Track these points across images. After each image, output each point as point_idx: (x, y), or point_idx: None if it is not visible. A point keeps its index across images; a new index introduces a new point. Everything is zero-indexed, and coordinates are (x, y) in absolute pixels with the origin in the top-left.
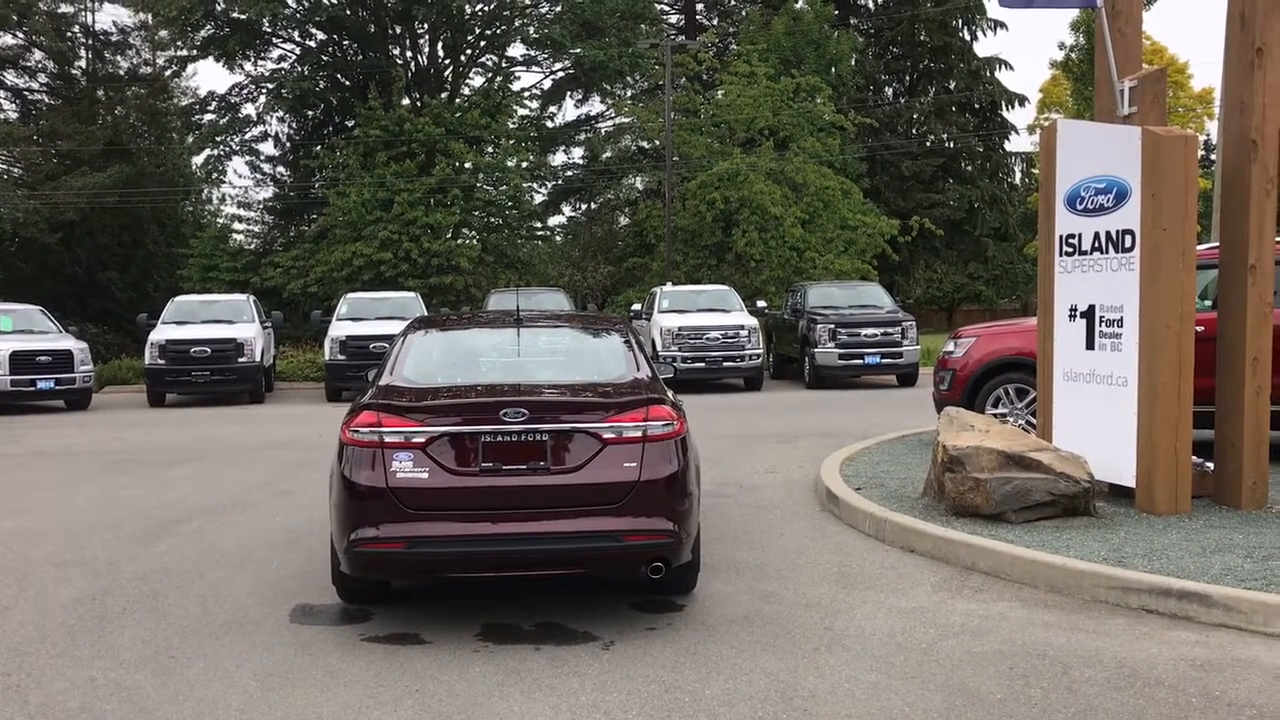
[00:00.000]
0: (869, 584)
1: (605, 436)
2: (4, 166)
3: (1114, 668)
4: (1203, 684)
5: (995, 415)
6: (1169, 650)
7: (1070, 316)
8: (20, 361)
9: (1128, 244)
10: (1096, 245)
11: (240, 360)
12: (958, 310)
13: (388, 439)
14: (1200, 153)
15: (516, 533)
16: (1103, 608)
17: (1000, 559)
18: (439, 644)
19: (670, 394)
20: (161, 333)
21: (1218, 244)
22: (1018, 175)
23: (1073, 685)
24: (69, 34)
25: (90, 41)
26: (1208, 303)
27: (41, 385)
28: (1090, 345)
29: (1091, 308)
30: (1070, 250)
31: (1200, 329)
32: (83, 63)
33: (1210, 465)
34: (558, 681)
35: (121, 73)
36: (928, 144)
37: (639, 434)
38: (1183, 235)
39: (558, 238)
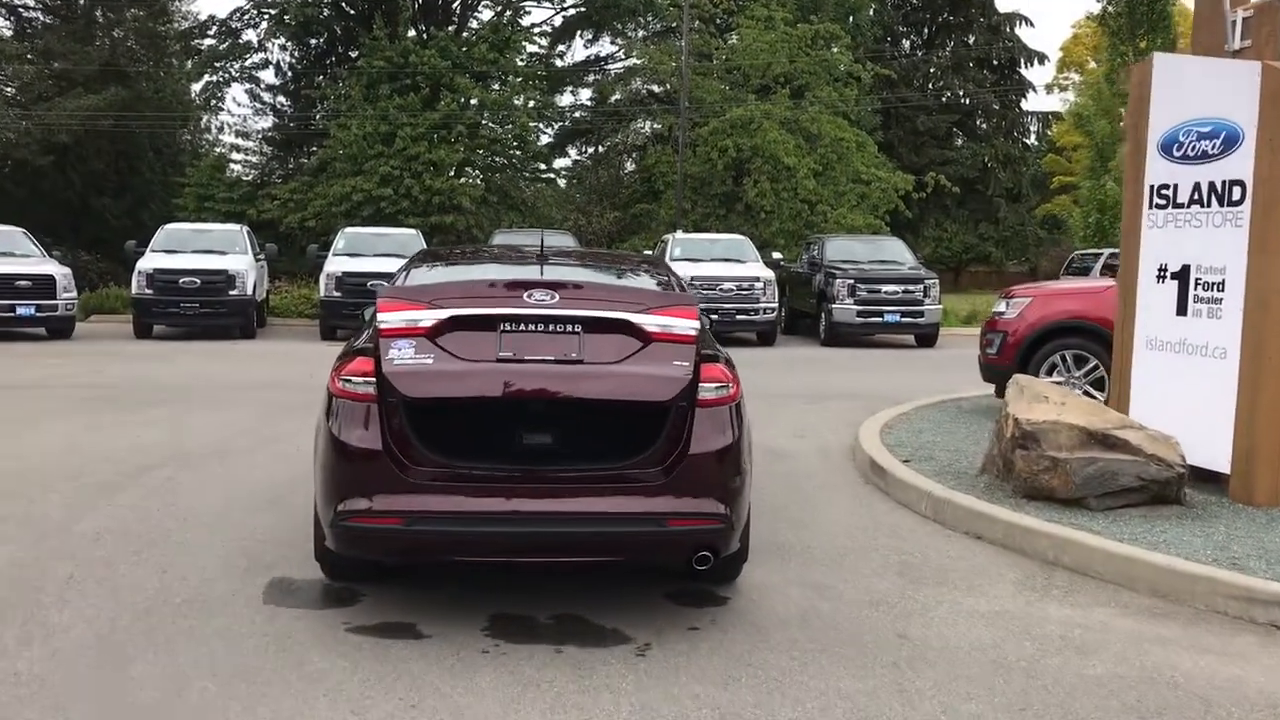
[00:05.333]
0: (939, 578)
1: (649, 330)
2: None
3: (1267, 709)
4: None
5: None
6: None
7: (1158, 277)
8: None
9: (1236, 196)
10: (1196, 197)
11: (231, 293)
12: (965, 271)
13: (384, 326)
14: None
15: (538, 511)
16: (1221, 621)
17: (1090, 554)
18: (440, 639)
19: (723, 351)
20: (150, 261)
21: None
22: (1033, 135)
23: None
24: None
25: None
26: None
27: (21, 311)
28: (1181, 310)
29: (1185, 268)
30: (1163, 202)
31: None
32: None
33: None
34: (586, 698)
35: None
36: (944, 99)
37: (689, 334)
38: None
39: (562, 181)
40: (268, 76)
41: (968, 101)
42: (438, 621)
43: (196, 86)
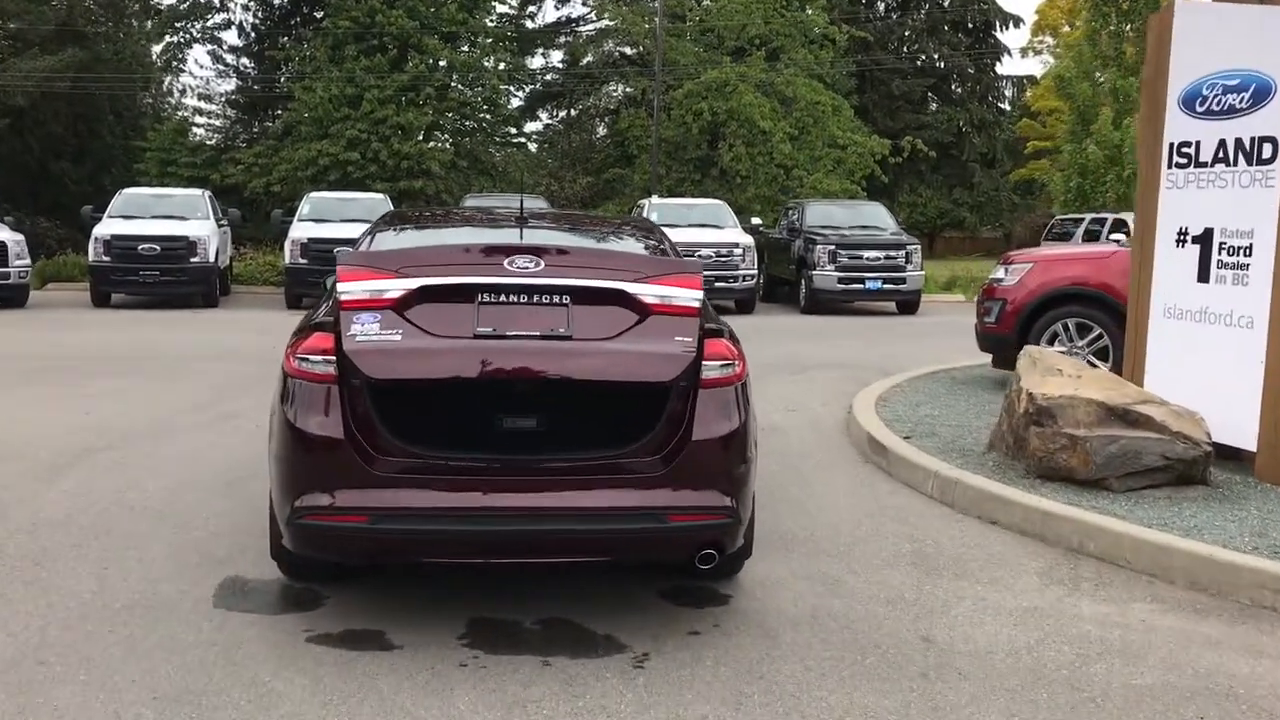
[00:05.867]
0: (957, 570)
1: (647, 301)
2: None
3: None
4: None
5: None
6: None
7: (1178, 241)
8: None
9: (1266, 154)
10: (1221, 155)
11: (193, 260)
12: (939, 237)
13: (345, 297)
14: None
15: (522, 507)
16: (1270, 618)
17: (1118, 542)
18: (412, 650)
19: (726, 324)
20: (107, 227)
21: None
22: (1007, 100)
23: None
24: None
25: None
26: None
27: None
28: (1203, 277)
29: (1208, 231)
30: (1184, 161)
31: None
32: None
33: None
34: None
35: None
36: (918, 63)
37: (692, 306)
38: None
39: (533, 146)
40: (230, 37)
41: (942, 65)
42: (409, 628)
43: (157, 48)
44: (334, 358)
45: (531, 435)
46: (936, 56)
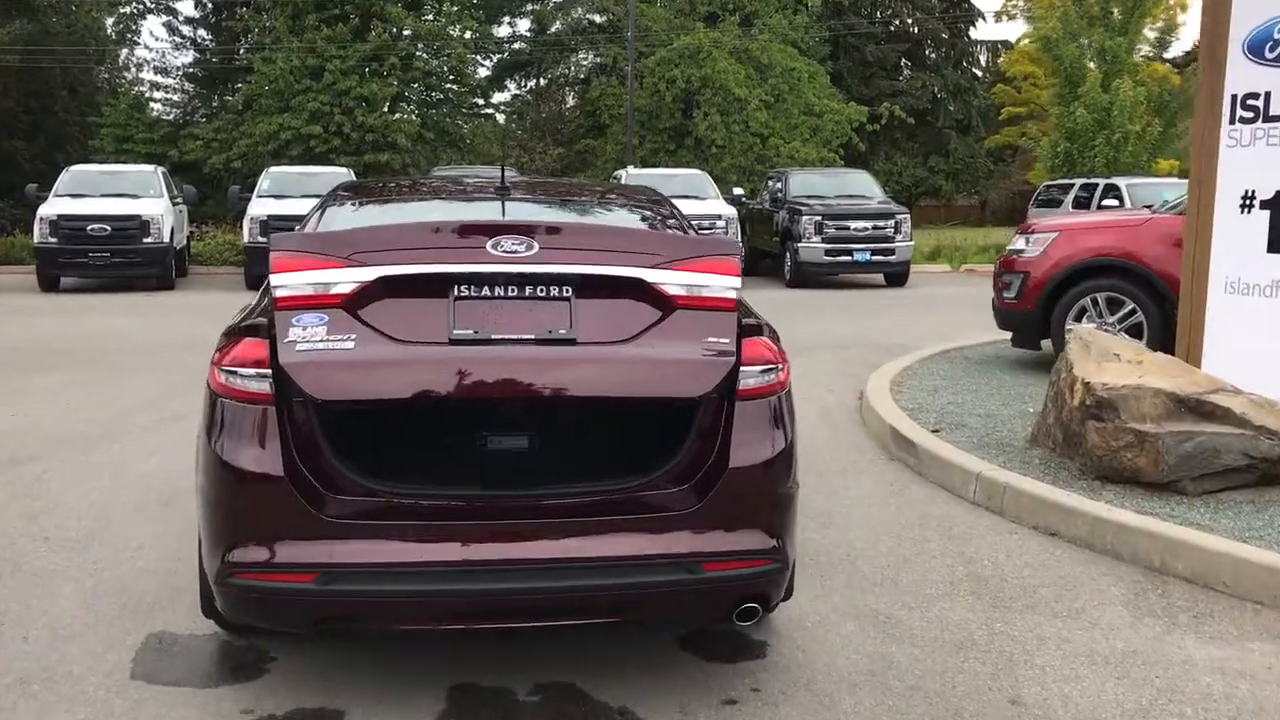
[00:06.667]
0: (1027, 600)
1: (670, 293)
2: None
3: None
4: None
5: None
6: None
7: (1243, 206)
8: None
9: None
10: None
11: (146, 240)
12: (915, 205)
13: (282, 293)
14: None
15: (513, 559)
16: None
17: (1214, 561)
18: None
19: (763, 317)
20: (54, 206)
21: None
22: (982, 66)
23: None
24: None
25: None
26: None
27: None
28: (1275, 246)
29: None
30: (1250, 115)
31: None
32: None
33: None
34: None
35: None
36: (892, 28)
37: (727, 298)
38: None
39: (500, 117)
40: (186, 8)
41: (916, 30)
42: (374, 702)
43: (110, 20)
44: (269, 371)
45: (525, 465)
46: (910, 21)
